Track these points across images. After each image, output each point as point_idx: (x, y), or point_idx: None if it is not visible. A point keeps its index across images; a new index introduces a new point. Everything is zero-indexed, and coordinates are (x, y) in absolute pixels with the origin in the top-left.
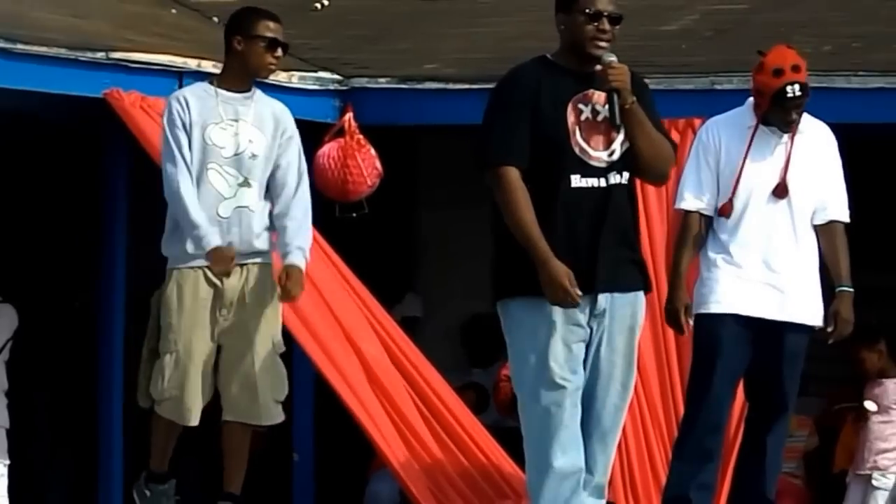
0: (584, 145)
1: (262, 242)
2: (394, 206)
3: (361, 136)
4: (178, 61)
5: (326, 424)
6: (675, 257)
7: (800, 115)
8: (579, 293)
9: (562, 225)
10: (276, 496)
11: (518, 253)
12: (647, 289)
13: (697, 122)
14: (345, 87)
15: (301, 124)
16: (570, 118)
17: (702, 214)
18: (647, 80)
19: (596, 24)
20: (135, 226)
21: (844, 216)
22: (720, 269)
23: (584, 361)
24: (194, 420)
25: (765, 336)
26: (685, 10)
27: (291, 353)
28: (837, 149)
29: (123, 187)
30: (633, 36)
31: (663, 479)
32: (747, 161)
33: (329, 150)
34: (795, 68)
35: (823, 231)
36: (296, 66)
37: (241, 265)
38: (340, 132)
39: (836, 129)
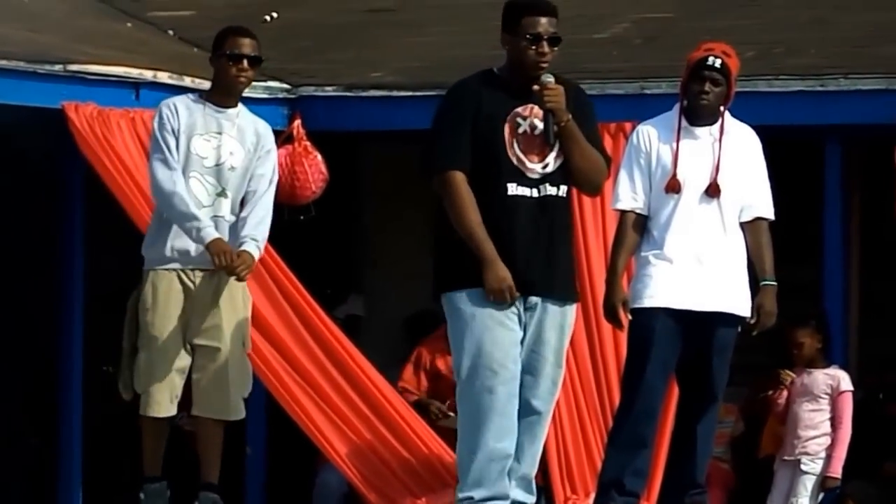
0: (521, 156)
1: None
2: (338, 209)
3: (309, 143)
4: (134, 73)
5: (278, 419)
6: (611, 255)
7: (717, 100)
8: (517, 294)
9: (498, 229)
10: (230, 488)
11: (459, 249)
12: (575, 296)
13: (628, 125)
14: (293, 96)
15: None
16: (507, 130)
17: (636, 214)
18: (580, 86)
19: (536, 47)
20: (92, 231)
21: (769, 213)
22: (653, 266)
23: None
24: (162, 412)
25: (696, 328)
26: (616, 18)
27: None
28: (761, 149)
29: (80, 196)
30: (567, 43)
31: (598, 465)
32: (679, 160)
33: (278, 157)
34: (725, 52)
35: (749, 228)
36: None
37: (214, 271)
38: (289, 139)
39: (758, 130)
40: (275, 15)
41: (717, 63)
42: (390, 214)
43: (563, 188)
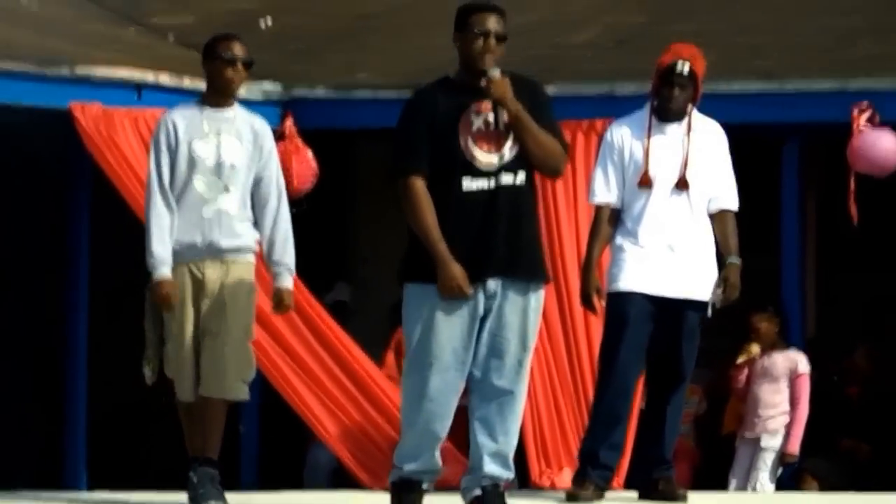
0: (475, 151)
1: (242, 241)
2: (329, 204)
3: (300, 141)
4: (137, 75)
5: (270, 400)
6: (588, 246)
7: (685, 101)
8: (470, 291)
9: (456, 220)
10: (224, 465)
11: (418, 246)
12: (541, 277)
13: (599, 123)
14: (286, 97)
15: None
16: (462, 128)
17: (611, 207)
18: (554, 86)
19: (483, 41)
20: (98, 226)
21: (734, 205)
22: (627, 253)
23: (479, 339)
24: (187, 397)
25: (666, 313)
26: (590, 23)
27: None
28: (727, 144)
29: (87, 194)
30: (544, 46)
31: (572, 440)
32: (650, 156)
33: None
34: (692, 56)
35: (716, 218)
36: None
37: (222, 260)
38: (281, 137)
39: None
40: (269, 21)
41: (686, 70)
42: (381, 211)
43: (522, 175)
